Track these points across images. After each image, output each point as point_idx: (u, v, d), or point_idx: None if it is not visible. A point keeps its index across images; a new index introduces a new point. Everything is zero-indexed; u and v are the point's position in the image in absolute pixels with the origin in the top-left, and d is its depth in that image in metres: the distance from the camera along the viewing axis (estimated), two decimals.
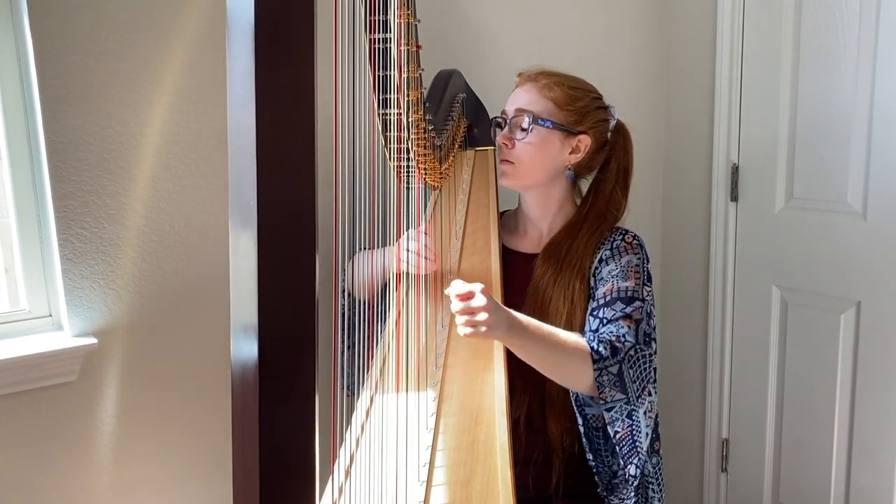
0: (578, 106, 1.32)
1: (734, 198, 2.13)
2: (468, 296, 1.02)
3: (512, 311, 1.09)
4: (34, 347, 1.27)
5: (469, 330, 1.02)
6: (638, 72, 2.22)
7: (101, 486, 1.36)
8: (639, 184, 2.26)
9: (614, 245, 1.30)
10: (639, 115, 2.23)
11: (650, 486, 1.27)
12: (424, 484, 0.98)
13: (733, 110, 2.09)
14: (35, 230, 1.31)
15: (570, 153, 1.33)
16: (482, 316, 1.01)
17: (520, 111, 1.32)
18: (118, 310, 1.35)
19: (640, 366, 1.15)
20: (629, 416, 1.15)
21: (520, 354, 1.12)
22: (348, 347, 1.21)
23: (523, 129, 1.30)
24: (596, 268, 1.28)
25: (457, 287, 1.02)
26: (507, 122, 1.35)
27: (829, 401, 1.94)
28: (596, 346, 1.14)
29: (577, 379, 1.15)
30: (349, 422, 1.10)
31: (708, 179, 2.18)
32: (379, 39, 0.92)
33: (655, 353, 1.26)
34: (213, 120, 1.40)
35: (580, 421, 1.23)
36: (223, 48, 0.52)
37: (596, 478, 1.27)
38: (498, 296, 1.26)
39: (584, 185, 1.43)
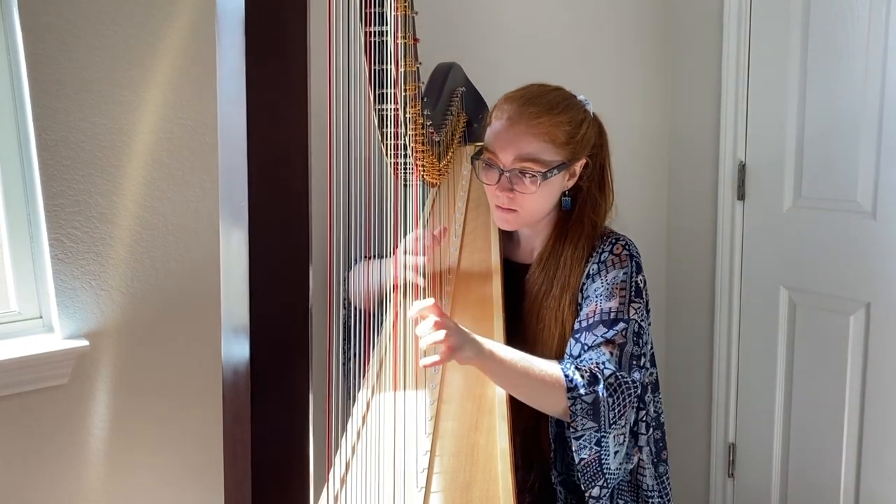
0: (577, 139, 1.24)
1: (741, 197, 2.12)
2: (422, 316, 1.02)
3: (479, 338, 1.07)
4: (24, 350, 1.27)
5: (431, 358, 1.00)
6: (643, 68, 2.22)
7: (92, 492, 1.36)
8: (644, 183, 2.27)
9: (602, 258, 1.26)
10: (643, 113, 2.23)
11: (651, 499, 1.26)
12: (423, 490, 0.98)
13: (740, 107, 2.08)
14: (25, 230, 1.31)
15: (569, 180, 1.28)
16: (438, 335, 1.00)
17: (521, 161, 1.21)
18: (110, 311, 1.34)
19: (619, 393, 1.13)
20: (598, 443, 1.13)
21: (493, 380, 1.12)
22: (347, 358, 1.20)
23: (530, 180, 1.21)
24: (584, 284, 1.25)
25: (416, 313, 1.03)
26: (505, 171, 1.22)
27: (838, 404, 1.94)
28: (571, 376, 1.12)
29: (551, 406, 1.14)
30: (345, 428, 1.09)
31: (714, 178, 2.18)
32: (375, 32, 0.92)
33: (651, 369, 1.24)
34: (207, 116, 1.39)
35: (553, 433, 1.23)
36: (216, 43, 0.51)
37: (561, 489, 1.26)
38: (498, 296, 1.25)
39: None
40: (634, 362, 1.19)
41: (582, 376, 1.12)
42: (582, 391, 1.11)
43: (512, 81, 1.41)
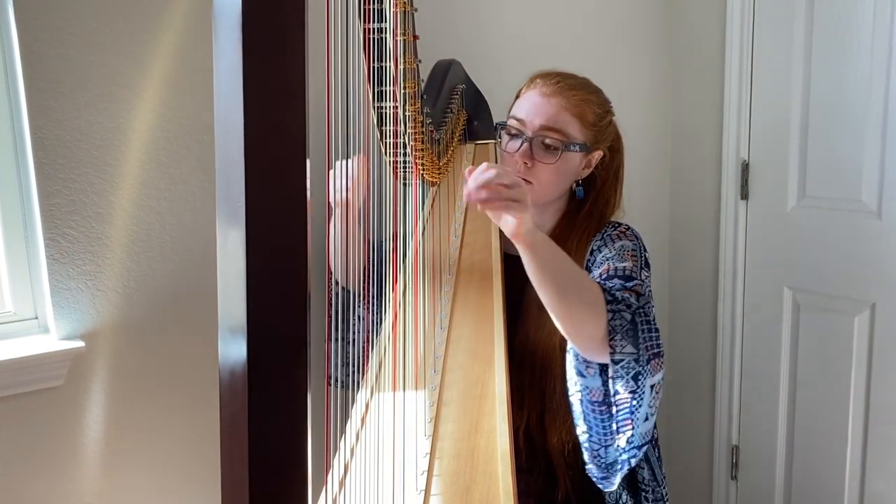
0: (602, 125, 1.29)
1: (744, 196, 2.12)
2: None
3: None
4: (19, 351, 1.26)
5: (498, 202, 0.96)
6: (644, 64, 2.22)
7: (88, 495, 1.36)
8: (645, 182, 2.27)
9: (605, 234, 1.28)
10: (645, 110, 2.23)
11: (645, 492, 1.25)
12: (423, 493, 0.98)
13: (743, 104, 2.08)
14: (20, 230, 1.31)
15: (584, 168, 1.31)
16: (518, 193, 0.96)
17: (547, 129, 1.24)
18: (107, 312, 1.34)
19: (648, 329, 1.10)
20: (635, 378, 1.07)
21: (534, 269, 1.05)
22: (341, 340, 1.19)
23: (551, 151, 1.23)
24: (588, 260, 1.26)
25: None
26: (528, 137, 1.25)
27: (843, 406, 1.93)
28: (611, 289, 1.11)
29: (589, 319, 1.07)
30: (344, 429, 1.09)
31: (717, 177, 2.18)
32: (374, 29, 0.92)
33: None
34: (204, 115, 1.39)
35: (578, 387, 1.15)
36: (212, 40, 0.51)
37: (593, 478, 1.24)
38: (499, 297, 1.25)
39: None
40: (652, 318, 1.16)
41: (618, 296, 1.10)
42: (622, 305, 1.08)
43: (513, 79, 1.41)
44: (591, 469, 1.15)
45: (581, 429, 1.15)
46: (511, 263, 1.35)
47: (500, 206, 0.98)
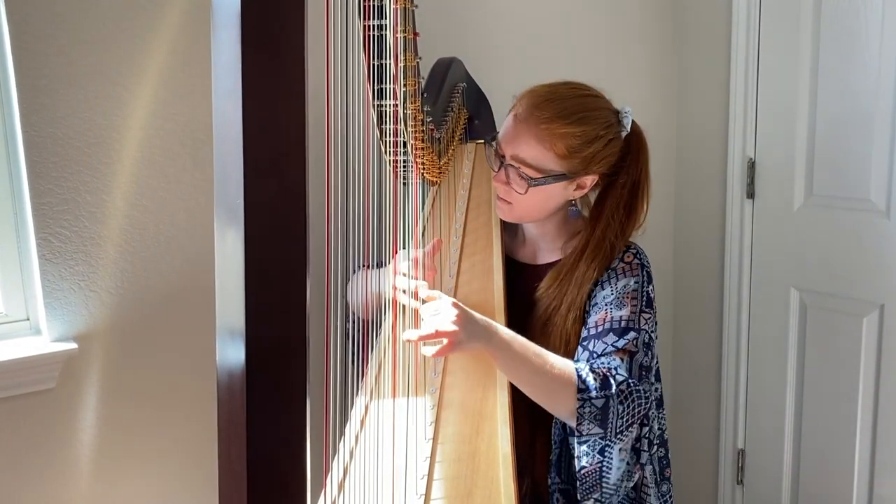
0: (585, 154, 1.22)
1: (750, 195, 2.13)
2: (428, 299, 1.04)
3: (494, 323, 1.10)
4: (10, 353, 1.26)
5: (432, 349, 1.02)
6: (648, 61, 2.22)
7: (80, 499, 1.36)
8: (651, 181, 2.26)
9: (611, 266, 1.26)
10: (649, 108, 2.23)
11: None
12: (423, 498, 0.98)
13: (749, 101, 2.09)
14: (12, 229, 1.31)
15: (575, 190, 1.27)
16: (447, 326, 1.01)
17: (518, 161, 1.22)
18: (100, 313, 1.34)
19: (630, 402, 1.13)
20: (601, 452, 1.13)
21: (502, 370, 1.12)
22: (346, 362, 1.20)
23: (522, 180, 1.22)
24: (591, 290, 1.25)
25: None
26: (503, 163, 1.24)
27: (851, 409, 1.94)
28: (584, 376, 1.12)
29: (558, 405, 1.13)
30: (343, 432, 1.10)
31: (723, 175, 2.18)
32: (374, 26, 0.92)
33: (655, 384, 1.24)
34: (200, 112, 1.39)
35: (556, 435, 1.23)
36: (210, 36, 0.52)
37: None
38: (500, 297, 1.25)
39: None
40: (644, 373, 1.19)
41: (595, 378, 1.12)
42: (593, 393, 1.11)
43: (514, 76, 1.41)
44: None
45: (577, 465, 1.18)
46: (512, 267, 1.35)
47: (445, 350, 1.04)
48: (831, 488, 2.01)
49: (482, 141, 1.57)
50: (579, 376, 1.13)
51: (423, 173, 1.19)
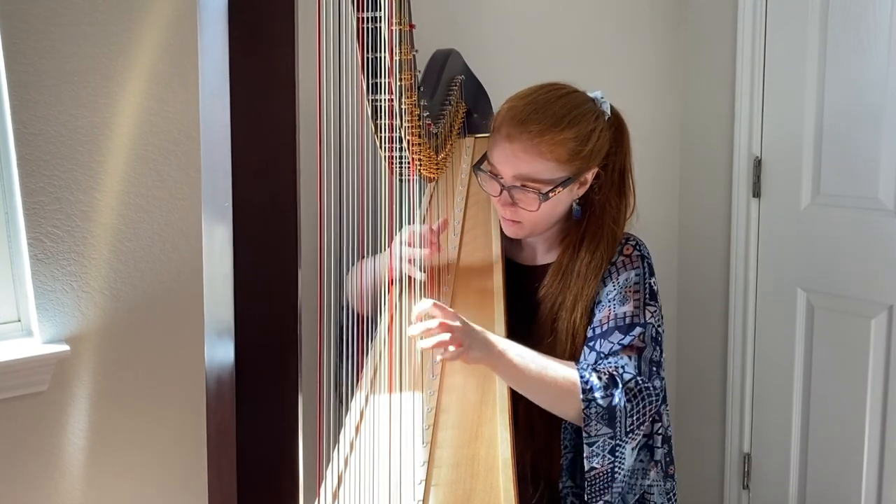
0: (585, 153, 1.22)
1: (757, 194, 2.12)
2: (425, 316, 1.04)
3: (491, 336, 1.10)
4: (1, 355, 1.26)
5: (440, 352, 1.03)
6: (653, 57, 2.21)
7: (72, 502, 1.36)
8: (655, 179, 2.27)
9: (614, 262, 1.26)
10: (654, 105, 2.22)
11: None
12: (420, 503, 0.97)
13: (755, 99, 2.08)
14: (2, 229, 1.31)
15: (578, 188, 1.27)
16: (443, 336, 1.01)
17: (522, 181, 1.21)
18: (92, 314, 1.34)
19: (639, 399, 1.13)
20: (612, 451, 1.13)
21: (504, 380, 1.13)
22: (340, 363, 1.20)
23: (531, 196, 1.21)
24: (597, 289, 1.25)
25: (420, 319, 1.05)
26: (505, 186, 1.22)
27: (859, 412, 1.93)
28: (588, 377, 1.13)
29: (564, 409, 1.15)
30: (337, 437, 1.09)
31: (728, 174, 2.17)
32: (368, 18, 0.91)
33: (663, 381, 1.24)
34: (193, 109, 1.39)
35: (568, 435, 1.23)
36: (197, 35, 0.51)
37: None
38: (500, 294, 1.25)
39: None
40: (654, 368, 1.19)
41: (599, 379, 1.13)
42: (597, 394, 1.12)
43: (514, 70, 1.41)
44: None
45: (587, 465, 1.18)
46: (512, 270, 1.35)
47: (450, 358, 1.05)
48: (839, 494, 2.00)
49: (481, 135, 1.56)
50: (582, 377, 1.13)
51: (419, 169, 1.18)
